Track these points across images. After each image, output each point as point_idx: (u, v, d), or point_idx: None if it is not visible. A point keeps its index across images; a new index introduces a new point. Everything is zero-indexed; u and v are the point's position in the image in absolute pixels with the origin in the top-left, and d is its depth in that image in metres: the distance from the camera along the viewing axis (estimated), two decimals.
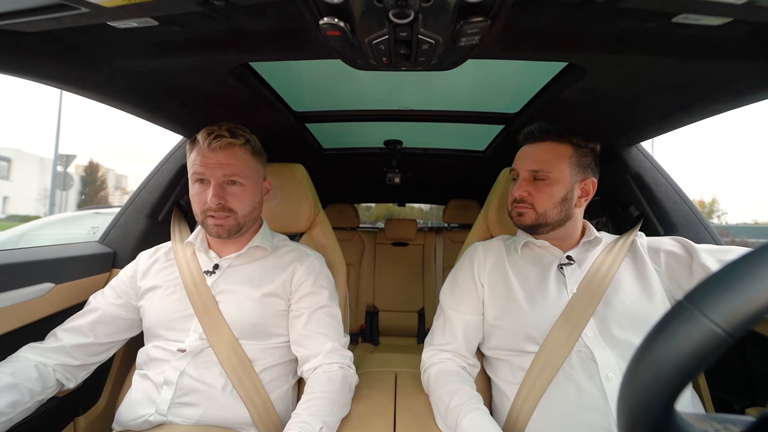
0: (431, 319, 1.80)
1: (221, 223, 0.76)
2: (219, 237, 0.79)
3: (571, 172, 0.77)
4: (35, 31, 0.53)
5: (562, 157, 0.77)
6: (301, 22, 0.54)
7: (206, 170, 0.75)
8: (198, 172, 0.75)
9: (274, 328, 0.80)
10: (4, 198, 22.35)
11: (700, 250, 0.72)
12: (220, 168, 0.75)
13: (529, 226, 0.80)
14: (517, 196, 0.80)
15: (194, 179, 0.77)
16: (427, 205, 5.10)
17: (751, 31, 0.53)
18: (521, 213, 0.79)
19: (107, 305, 0.81)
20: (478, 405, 0.66)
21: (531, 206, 0.78)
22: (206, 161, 0.75)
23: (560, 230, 0.81)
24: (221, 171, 0.75)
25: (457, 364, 0.78)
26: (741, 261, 0.26)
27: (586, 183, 0.79)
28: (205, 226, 0.79)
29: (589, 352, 0.68)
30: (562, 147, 0.78)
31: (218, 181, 0.75)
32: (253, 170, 0.80)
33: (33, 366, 0.69)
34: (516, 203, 0.80)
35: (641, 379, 0.27)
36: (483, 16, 0.48)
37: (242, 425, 0.74)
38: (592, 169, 0.80)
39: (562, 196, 0.77)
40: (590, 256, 0.80)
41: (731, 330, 0.24)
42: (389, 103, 1.09)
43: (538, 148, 0.80)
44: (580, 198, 0.79)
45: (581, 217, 0.83)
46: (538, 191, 0.78)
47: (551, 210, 0.77)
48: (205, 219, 0.77)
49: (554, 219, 0.78)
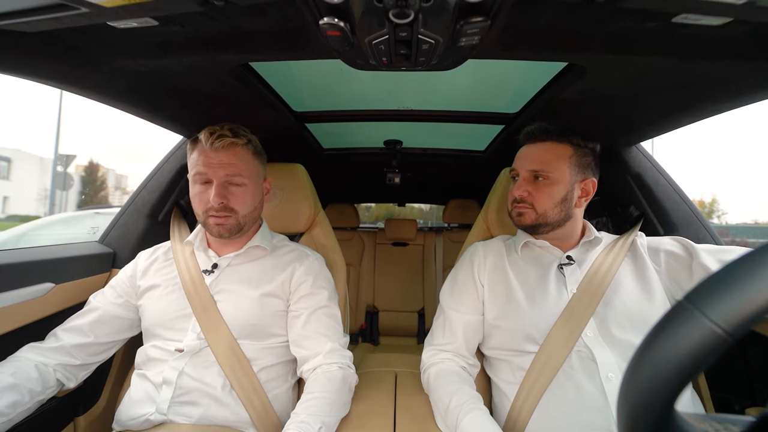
0: (431, 319, 1.80)
1: (222, 223, 0.77)
2: (220, 237, 0.79)
3: (571, 172, 0.77)
4: (35, 31, 0.53)
5: (562, 157, 0.77)
6: (301, 22, 0.54)
7: (209, 170, 0.75)
8: (201, 172, 0.75)
9: (273, 328, 0.80)
10: (4, 198, 22.35)
11: (700, 250, 0.72)
12: (222, 168, 0.75)
13: (529, 226, 0.80)
14: (517, 196, 0.80)
15: (196, 179, 0.77)
16: (427, 205, 5.10)
17: (751, 31, 0.53)
18: (521, 213, 0.80)
19: (107, 305, 0.81)
20: (478, 405, 0.66)
21: (531, 206, 0.78)
22: (209, 161, 0.75)
23: (560, 230, 0.81)
24: (224, 171, 0.75)
25: (457, 364, 0.78)
26: (741, 261, 0.26)
27: (586, 183, 0.79)
28: (206, 225, 0.79)
29: (589, 352, 0.68)
30: (562, 147, 0.78)
31: (221, 180, 0.75)
32: (254, 170, 0.80)
33: (33, 366, 0.69)
34: (516, 203, 0.80)
35: (641, 379, 0.27)
36: (483, 16, 0.48)
37: (242, 425, 0.74)
38: (592, 169, 0.80)
39: (562, 196, 0.77)
40: (590, 256, 0.80)
41: (731, 330, 0.24)
42: (389, 103, 1.09)
43: (538, 148, 0.80)
44: (580, 198, 0.79)
45: (581, 217, 0.83)
46: (538, 191, 0.78)
47: (551, 210, 0.77)
48: (207, 219, 0.77)
49: (554, 219, 0.78)
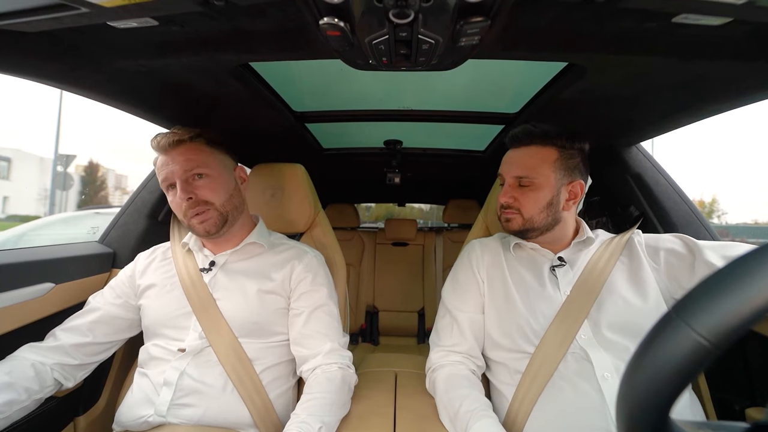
0: (431, 319, 1.81)
1: (204, 219, 0.77)
2: (209, 234, 0.79)
3: (556, 176, 0.76)
4: (35, 31, 0.53)
5: (547, 162, 0.76)
6: (301, 22, 0.54)
7: (168, 172, 0.76)
8: (165, 178, 0.77)
9: (274, 326, 0.80)
10: (4, 198, 22.35)
11: (703, 247, 0.70)
12: (179, 164, 0.76)
13: (517, 231, 0.80)
14: (503, 202, 0.80)
15: (164, 186, 0.78)
16: (427, 205, 5.11)
17: (751, 31, 0.53)
18: (509, 219, 0.80)
19: (107, 305, 0.82)
20: (488, 413, 0.65)
21: (518, 212, 0.78)
22: (165, 163, 0.77)
23: (549, 234, 0.80)
24: (181, 167, 0.76)
25: (467, 367, 0.77)
26: (726, 270, 0.26)
27: (573, 185, 0.78)
28: (192, 228, 0.79)
29: (584, 353, 0.68)
30: (547, 150, 0.77)
31: (182, 177, 0.76)
32: (214, 160, 0.81)
33: (30, 365, 0.69)
34: (503, 209, 0.80)
35: (635, 389, 0.28)
36: (483, 16, 0.48)
37: (242, 425, 0.74)
38: (580, 171, 0.78)
39: (547, 201, 0.76)
40: (583, 257, 0.79)
41: (716, 342, 0.24)
42: (389, 103, 1.09)
43: (522, 153, 0.79)
44: (568, 201, 0.78)
45: (572, 220, 0.83)
46: (524, 197, 0.77)
47: (537, 215, 0.77)
48: (190, 220, 0.78)
49: (541, 224, 0.78)
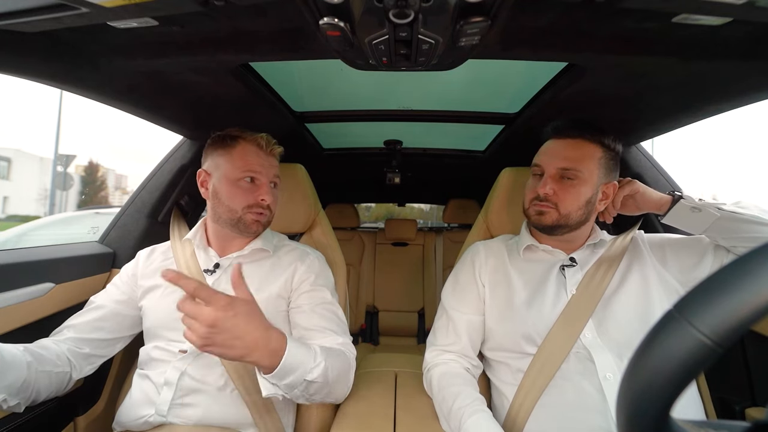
0: (431, 319, 1.80)
1: (260, 219, 0.82)
2: (254, 232, 0.83)
3: (599, 173, 0.74)
4: (35, 31, 0.54)
5: (593, 158, 0.73)
6: (301, 22, 0.54)
7: (263, 170, 0.82)
8: (254, 170, 0.81)
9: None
10: (4, 198, 22.34)
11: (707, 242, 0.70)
12: (272, 169, 0.84)
13: (549, 226, 0.75)
14: (541, 194, 0.74)
15: (242, 176, 0.80)
16: (427, 205, 5.10)
17: (751, 31, 0.53)
18: (542, 212, 0.75)
19: (110, 302, 0.81)
20: (481, 407, 0.66)
21: (554, 206, 0.74)
22: (261, 162, 0.82)
23: (572, 233, 0.78)
24: (272, 172, 0.84)
25: (461, 365, 0.77)
26: (728, 269, 0.26)
27: (608, 186, 0.76)
28: (241, 221, 0.81)
29: (587, 353, 0.68)
30: (593, 146, 0.74)
31: (268, 180, 0.83)
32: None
33: (51, 342, 0.72)
34: (537, 201, 0.75)
35: (636, 388, 0.27)
36: (483, 16, 0.48)
37: (242, 425, 0.74)
38: (615, 173, 0.77)
39: (587, 198, 0.73)
40: (593, 258, 0.78)
41: (719, 340, 0.24)
42: (389, 103, 1.09)
43: (568, 145, 0.75)
44: (600, 201, 0.76)
45: (594, 220, 0.81)
46: (565, 191, 0.73)
47: (575, 212, 0.74)
48: (246, 214, 0.80)
49: (575, 221, 0.74)
